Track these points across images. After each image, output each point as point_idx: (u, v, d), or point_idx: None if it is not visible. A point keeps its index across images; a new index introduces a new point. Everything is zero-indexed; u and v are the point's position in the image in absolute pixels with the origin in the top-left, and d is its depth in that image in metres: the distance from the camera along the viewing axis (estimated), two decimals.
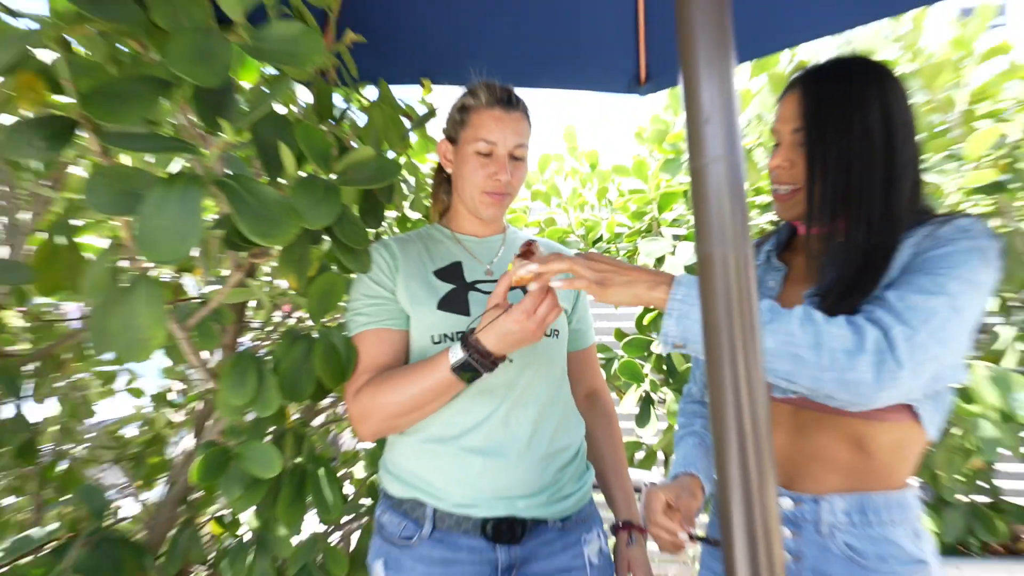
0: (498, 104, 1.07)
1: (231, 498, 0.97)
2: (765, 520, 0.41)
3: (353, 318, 1.08)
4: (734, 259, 0.42)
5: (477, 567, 1.00)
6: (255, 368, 1.06)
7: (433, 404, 0.98)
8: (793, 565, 0.86)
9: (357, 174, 0.91)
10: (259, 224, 0.75)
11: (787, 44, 1.49)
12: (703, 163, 0.43)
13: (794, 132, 0.88)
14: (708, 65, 0.43)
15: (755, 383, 0.41)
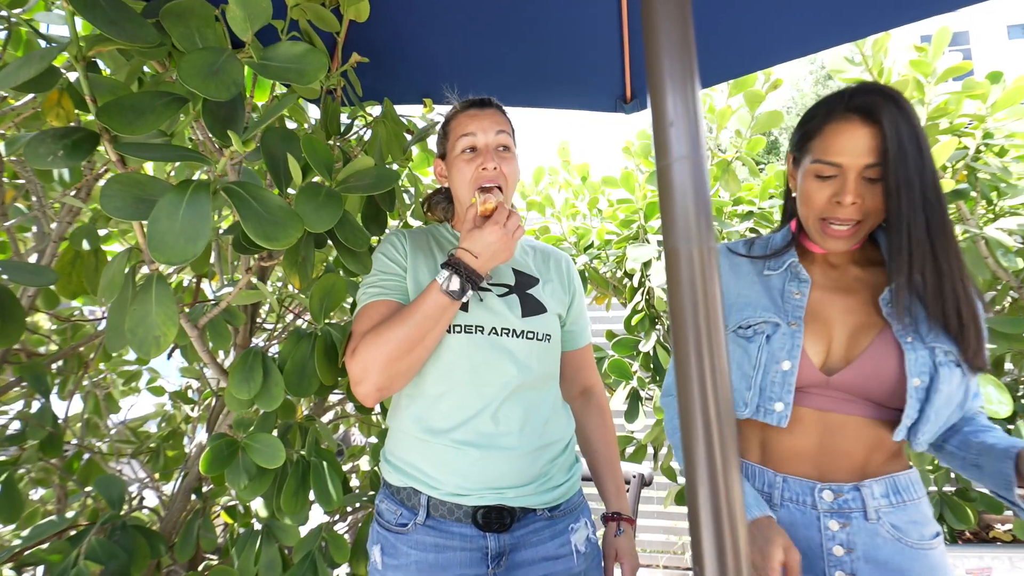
0: (471, 106, 1.09)
1: (238, 487, 0.96)
2: (731, 511, 0.40)
3: (364, 291, 1.06)
4: (698, 254, 0.42)
5: (468, 553, 0.99)
6: (261, 364, 1.05)
7: (430, 337, 0.96)
8: (847, 557, 0.82)
9: (358, 182, 0.92)
10: (263, 228, 0.75)
11: (759, 66, 1.50)
12: (668, 163, 0.43)
13: (867, 168, 0.79)
14: (672, 73, 0.43)
15: (719, 372, 0.41)
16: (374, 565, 1.03)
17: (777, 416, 0.86)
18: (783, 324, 0.88)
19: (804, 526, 0.85)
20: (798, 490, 0.86)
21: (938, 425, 0.81)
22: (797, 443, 0.87)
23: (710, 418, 0.40)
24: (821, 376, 0.84)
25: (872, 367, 0.82)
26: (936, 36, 1.59)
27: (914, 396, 0.80)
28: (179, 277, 1.74)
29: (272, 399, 1.06)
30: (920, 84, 1.61)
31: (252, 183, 0.77)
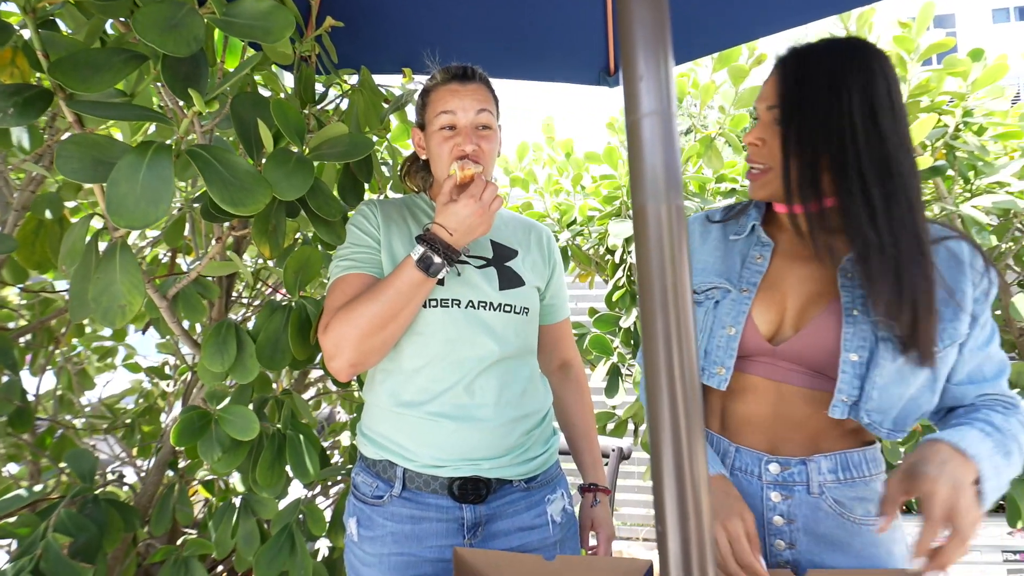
0: (453, 79, 1.05)
1: (211, 460, 0.95)
2: (693, 469, 0.40)
3: (337, 264, 1.04)
4: (666, 211, 0.41)
5: (444, 524, 1.00)
6: (235, 337, 1.04)
7: (404, 313, 0.93)
8: (787, 528, 0.84)
9: (330, 149, 0.89)
10: (230, 193, 0.72)
11: (742, 39, 1.48)
12: (637, 118, 0.41)
13: (769, 109, 0.83)
14: (643, 26, 0.42)
15: (684, 330, 0.40)
16: (350, 537, 1.04)
17: (718, 380, 0.87)
18: (734, 290, 0.88)
19: (750, 495, 0.86)
20: (748, 460, 0.86)
21: (896, 407, 0.78)
22: (751, 413, 0.87)
23: (674, 376, 0.40)
24: (766, 344, 0.84)
25: (813, 339, 0.80)
26: (920, 12, 1.59)
27: (850, 372, 0.78)
28: (154, 251, 1.69)
29: (247, 371, 1.04)
30: (903, 60, 1.61)
31: (218, 147, 0.74)
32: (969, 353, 0.79)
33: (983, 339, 0.80)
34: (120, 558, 1.21)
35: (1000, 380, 0.80)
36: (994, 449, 0.70)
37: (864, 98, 0.76)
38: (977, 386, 0.80)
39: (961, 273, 0.78)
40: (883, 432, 0.79)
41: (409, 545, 0.99)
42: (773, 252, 0.89)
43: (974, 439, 0.70)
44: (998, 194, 1.70)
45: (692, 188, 2.03)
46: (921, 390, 0.78)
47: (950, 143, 1.64)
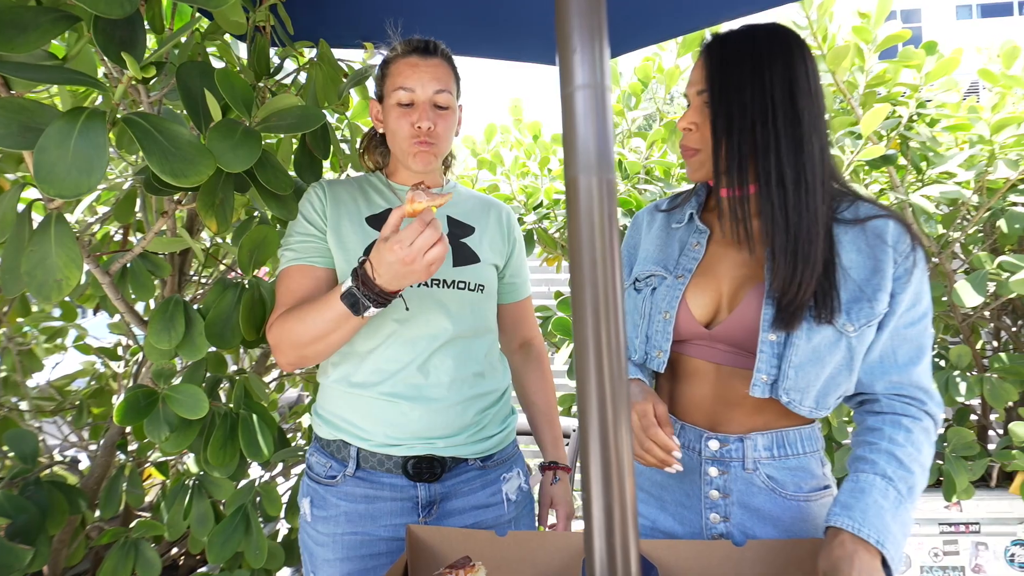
0: (414, 52, 1.02)
1: (158, 439, 0.93)
2: (617, 437, 0.41)
3: (283, 254, 1.02)
4: (597, 184, 0.41)
5: (399, 503, 1.00)
6: (183, 314, 1.01)
7: (334, 336, 0.90)
8: (722, 502, 0.87)
9: (279, 121, 0.86)
10: (170, 163, 0.70)
11: (706, 24, 1.49)
12: (570, 90, 0.41)
13: (699, 94, 0.85)
14: (578, 1, 0.42)
15: (613, 303, 0.41)
16: (303, 517, 1.03)
17: (657, 363, 0.90)
18: (669, 277, 0.90)
19: (690, 470, 0.89)
20: (691, 436, 0.89)
21: (814, 386, 0.80)
22: (694, 393, 0.90)
23: (601, 346, 0.40)
24: (701, 328, 0.86)
25: (741, 320, 0.82)
26: (879, 4, 1.62)
27: (768, 351, 0.80)
28: (104, 228, 1.63)
29: (195, 349, 1.02)
30: (861, 51, 1.65)
31: (157, 116, 0.71)
32: (887, 333, 0.80)
33: (905, 321, 0.80)
34: (67, 541, 1.18)
35: (912, 368, 0.81)
36: (896, 501, 0.73)
37: (784, 80, 0.78)
38: (886, 372, 0.81)
39: (883, 252, 0.79)
40: (804, 410, 0.81)
41: (363, 524, 0.99)
42: (709, 239, 0.91)
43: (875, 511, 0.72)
44: (947, 184, 1.76)
45: (657, 173, 2.05)
46: (838, 369, 0.80)
47: (904, 133, 1.69)
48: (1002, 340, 2.08)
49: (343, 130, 1.54)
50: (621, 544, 0.40)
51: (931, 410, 0.80)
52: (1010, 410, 1.82)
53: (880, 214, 0.82)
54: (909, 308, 0.80)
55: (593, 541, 0.40)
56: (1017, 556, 1.72)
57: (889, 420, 0.80)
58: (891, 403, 0.81)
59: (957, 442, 1.66)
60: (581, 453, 0.41)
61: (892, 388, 0.81)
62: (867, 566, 0.68)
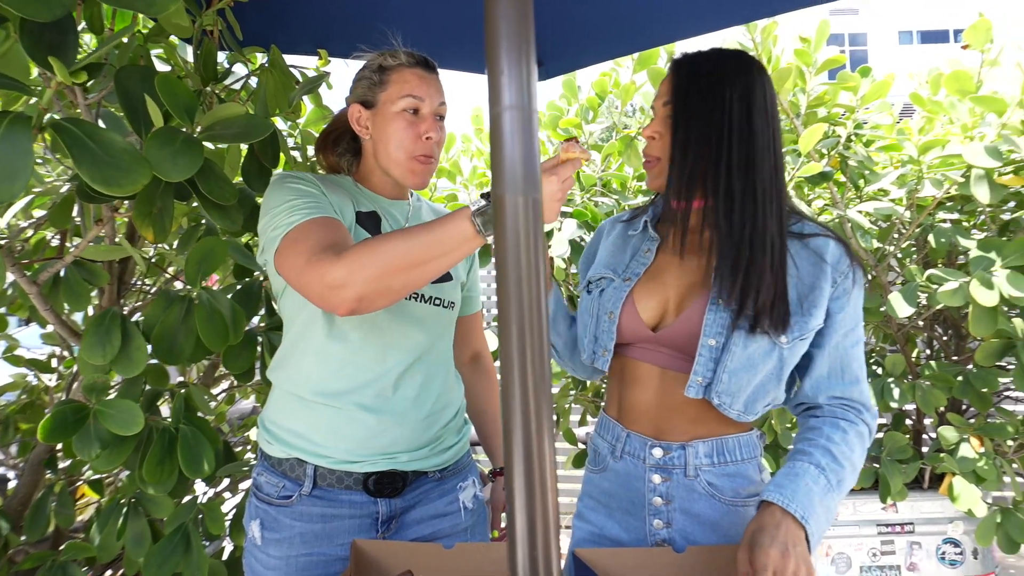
0: (419, 65, 1.02)
1: (88, 457, 0.89)
2: (540, 450, 0.42)
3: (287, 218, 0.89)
4: (523, 203, 0.43)
5: (357, 520, 0.98)
6: (120, 327, 0.98)
7: (437, 263, 0.82)
8: (665, 508, 0.89)
9: (224, 130, 0.85)
10: (102, 171, 0.68)
11: (661, 42, 1.55)
12: (498, 111, 0.43)
13: (664, 105, 0.89)
14: (506, 22, 0.43)
15: (537, 316, 0.42)
16: (252, 540, 0.98)
17: (603, 361, 0.94)
18: (617, 279, 0.94)
19: (635, 478, 0.92)
20: (636, 445, 0.92)
21: (745, 391, 0.84)
22: (640, 399, 0.92)
23: (526, 361, 0.42)
24: (646, 330, 0.90)
25: (685, 325, 0.87)
26: (818, 30, 1.71)
27: (707, 355, 0.84)
28: (40, 233, 1.56)
29: (132, 364, 0.99)
30: (802, 73, 1.73)
31: (88, 121, 0.69)
32: (828, 352, 0.86)
33: (850, 341, 0.87)
34: None
35: (856, 386, 0.87)
36: (825, 489, 0.78)
37: (742, 99, 0.84)
38: (831, 388, 0.87)
39: (821, 271, 0.85)
40: (733, 414, 0.86)
41: (319, 544, 0.96)
42: (660, 247, 0.95)
43: (804, 492, 0.77)
44: (882, 201, 1.87)
45: (614, 185, 2.10)
46: (768, 377, 0.85)
47: (842, 152, 1.78)
48: (935, 349, 2.20)
49: (296, 137, 1.52)
50: (543, 555, 0.41)
51: (867, 419, 0.87)
52: (941, 415, 1.93)
53: (822, 233, 0.88)
54: (853, 328, 0.87)
55: (516, 552, 0.41)
56: (948, 553, 1.82)
57: (828, 421, 0.86)
58: (832, 409, 0.88)
59: (892, 446, 1.75)
60: (505, 465, 0.42)
61: (833, 400, 0.88)
62: (792, 534, 0.73)
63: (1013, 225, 1.86)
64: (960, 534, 1.82)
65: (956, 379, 1.72)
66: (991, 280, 1.45)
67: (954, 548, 1.82)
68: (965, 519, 1.79)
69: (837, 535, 1.82)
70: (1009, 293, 1.42)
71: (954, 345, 2.11)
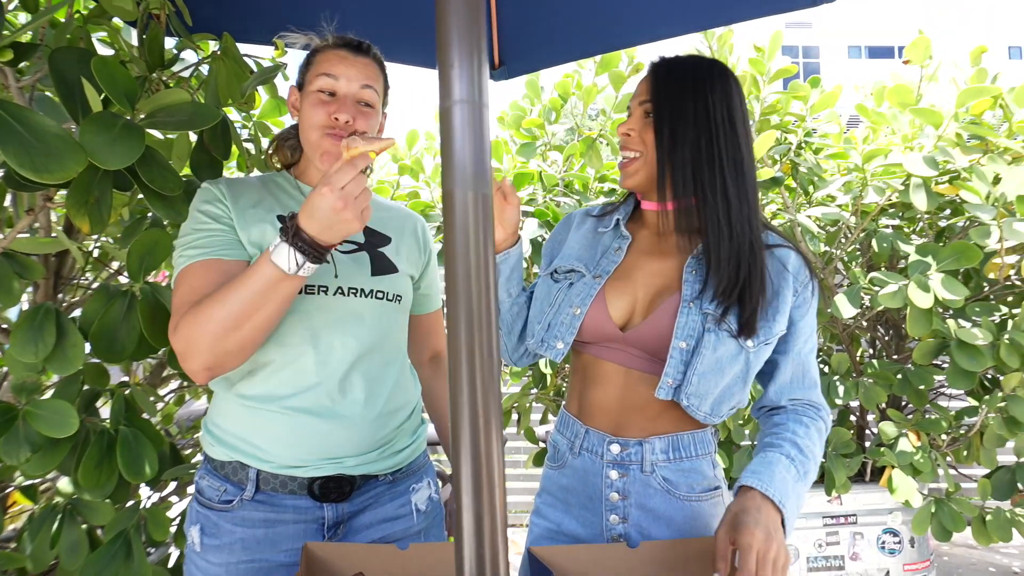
0: (346, 47, 0.99)
1: (17, 461, 0.83)
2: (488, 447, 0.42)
3: (181, 254, 0.89)
4: (472, 198, 0.42)
5: (302, 526, 0.94)
6: (54, 323, 0.92)
7: (263, 313, 0.81)
8: (621, 503, 0.90)
9: (168, 117, 0.81)
10: (31, 157, 0.64)
11: (620, 45, 1.57)
12: (448, 105, 0.42)
13: (641, 104, 0.90)
14: (457, 16, 0.43)
15: (487, 314, 0.42)
16: (192, 547, 0.94)
17: (556, 352, 0.93)
18: (588, 275, 0.94)
19: (593, 473, 0.93)
20: (595, 441, 0.93)
21: (712, 394, 0.86)
22: (601, 397, 0.93)
23: (474, 358, 0.41)
24: (615, 330, 0.90)
25: (654, 326, 0.88)
26: (771, 40, 1.77)
27: (677, 358, 0.85)
28: None
29: (68, 362, 0.93)
30: (756, 81, 1.79)
31: (15, 104, 0.65)
32: (791, 359, 0.91)
33: (808, 348, 0.91)
34: None
35: (814, 390, 0.93)
36: (796, 478, 0.82)
37: (723, 104, 0.86)
38: (792, 392, 0.92)
39: (784, 280, 0.89)
40: (700, 415, 0.87)
41: (261, 551, 0.92)
42: (630, 246, 0.96)
43: (780, 479, 0.80)
44: (829, 206, 1.95)
45: (576, 186, 2.12)
46: (734, 380, 0.87)
47: (793, 159, 1.85)
48: (877, 348, 2.32)
49: (250, 128, 1.47)
50: (491, 554, 0.40)
51: (824, 417, 0.92)
52: (883, 411, 2.02)
53: (784, 244, 0.92)
54: (810, 336, 0.91)
55: (463, 551, 0.41)
56: (887, 543, 1.91)
57: (792, 418, 0.90)
58: (794, 407, 0.92)
59: (837, 441, 1.83)
60: (452, 463, 0.42)
61: (794, 402, 0.93)
62: (771, 517, 0.76)
63: (948, 231, 1.97)
64: (899, 524, 1.91)
65: (896, 377, 1.81)
66: (927, 283, 1.53)
67: (893, 538, 1.91)
68: (903, 510, 1.89)
69: None
70: (943, 296, 1.50)
71: (895, 345, 2.22)
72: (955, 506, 1.72)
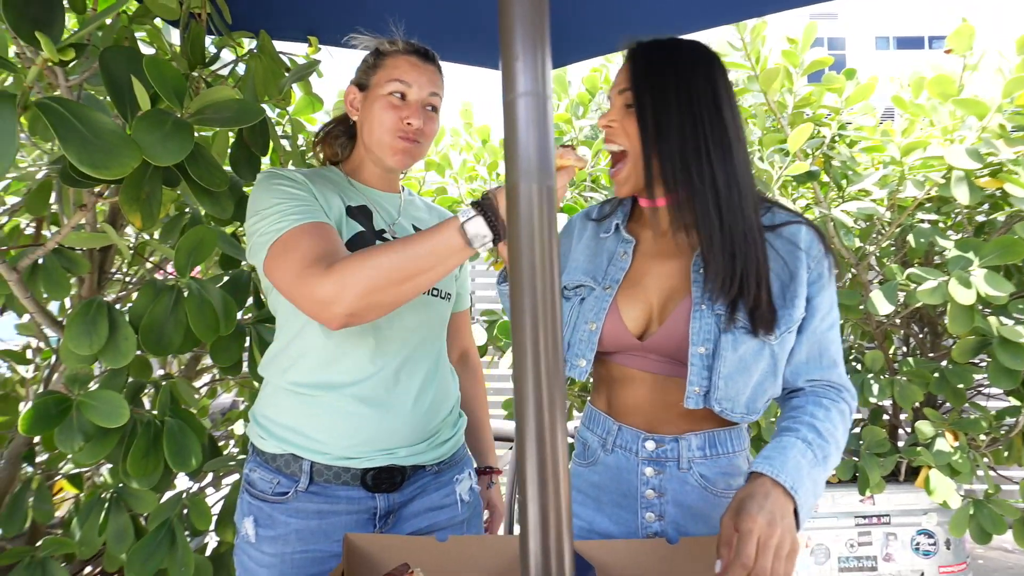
0: (415, 53, 1.01)
1: (71, 450, 0.86)
2: (554, 451, 0.42)
3: (278, 221, 0.87)
4: (537, 191, 0.42)
5: (355, 516, 0.96)
6: (107, 317, 0.95)
7: (427, 276, 0.81)
8: (657, 501, 0.89)
9: (215, 115, 0.83)
10: (90, 153, 0.65)
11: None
12: (512, 97, 0.42)
13: (620, 93, 0.86)
14: (521, 6, 0.42)
15: (551, 308, 0.42)
16: (245, 538, 0.95)
17: (579, 371, 0.90)
18: (598, 288, 0.91)
19: (627, 471, 0.91)
20: (628, 438, 0.91)
21: (744, 394, 0.83)
22: (631, 398, 0.91)
23: (539, 353, 0.41)
24: (634, 340, 0.88)
25: (671, 333, 0.85)
26: (804, 32, 1.73)
27: (699, 364, 0.82)
28: (14, 220, 1.50)
29: (120, 355, 0.96)
30: (789, 74, 1.75)
31: (76, 102, 0.67)
32: (806, 337, 0.85)
33: (825, 325, 0.86)
34: None
35: (834, 369, 0.87)
36: (812, 463, 0.77)
37: (707, 89, 0.82)
38: (810, 372, 0.87)
39: (797, 258, 0.84)
40: (736, 417, 0.85)
41: (316, 541, 0.94)
42: (635, 249, 0.92)
43: (793, 464, 0.74)
44: (864, 201, 1.91)
45: (604, 182, 2.10)
46: (764, 375, 0.84)
47: (827, 152, 1.81)
48: (911, 346, 2.26)
49: (284, 125, 1.49)
50: (556, 545, 0.40)
51: (847, 398, 0.86)
52: (917, 410, 1.98)
53: (794, 220, 0.87)
54: (828, 312, 0.86)
55: (528, 542, 0.41)
56: (922, 544, 1.87)
57: (811, 400, 0.85)
58: (814, 389, 0.87)
59: (870, 440, 1.79)
60: (517, 455, 0.42)
61: (813, 383, 0.87)
62: (780, 504, 0.71)
63: (988, 226, 1.91)
64: (934, 525, 1.87)
65: (932, 375, 1.77)
66: (969, 279, 1.49)
67: (928, 539, 1.87)
68: (939, 511, 1.85)
69: (817, 527, 1.86)
70: (986, 292, 1.46)
71: (930, 342, 2.16)
72: (995, 508, 1.68)
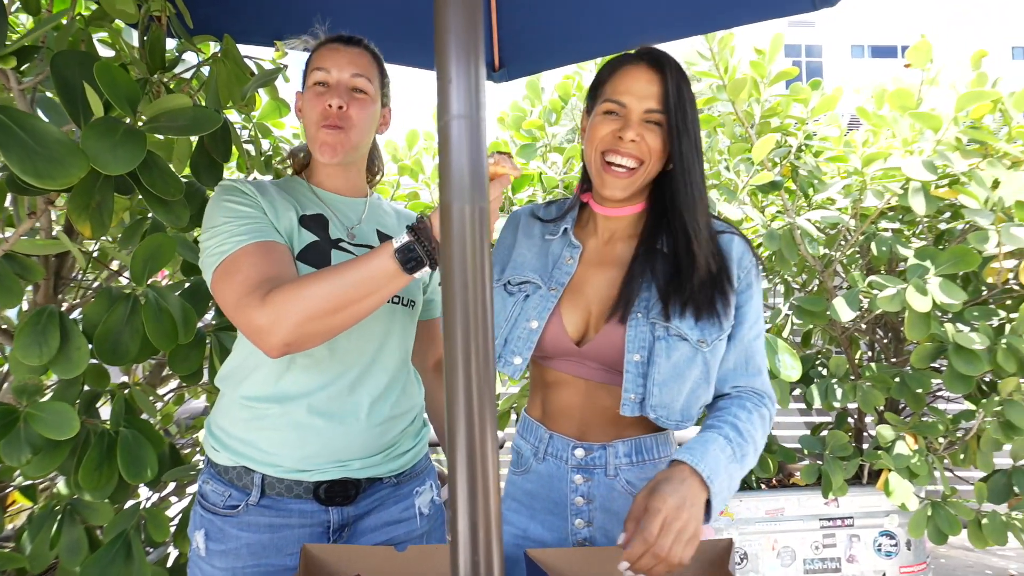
0: (336, 40, 1.02)
1: (18, 463, 0.85)
2: (484, 468, 0.43)
3: (225, 241, 0.87)
4: (470, 212, 0.43)
5: (307, 529, 0.95)
6: (58, 326, 0.93)
7: (364, 303, 0.81)
8: (586, 507, 0.91)
9: (170, 122, 0.82)
10: (33, 163, 0.65)
11: (616, 49, 1.58)
12: (446, 120, 0.43)
13: (648, 112, 0.85)
14: (455, 32, 0.44)
15: (483, 323, 0.43)
16: (196, 551, 0.95)
17: (513, 368, 0.91)
18: (544, 288, 0.92)
19: (558, 478, 0.93)
20: (559, 446, 0.93)
21: (678, 400, 0.86)
22: (565, 404, 0.93)
23: (471, 368, 0.42)
24: (571, 345, 0.90)
25: (607, 340, 0.87)
26: (771, 43, 1.78)
27: (634, 371, 0.85)
28: None
29: (72, 365, 0.94)
30: (757, 84, 1.80)
31: (17, 109, 0.66)
32: (734, 345, 0.89)
33: (752, 334, 0.90)
34: None
35: (759, 377, 0.90)
36: (730, 459, 0.79)
37: (695, 109, 0.86)
38: (736, 380, 0.90)
39: (727, 268, 0.88)
40: (672, 424, 0.87)
41: (267, 555, 0.93)
42: (580, 256, 0.94)
43: (713, 457, 0.77)
44: (829, 210, 1.96)
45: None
46: (697, 382, 0.87)
47: (793, 162, 1.86)
48: (875, 351, 2.33)
49: (250, 130, 1.48)
50: (485, 557, 0.42)
51: (768, 405, 0.90)
52: (880, 414, 2.04)
53: (727, 230, 0.91)
54: (755, 321, 0.90)
55: (458, 554, 0.42)
56: (884, 545, 1.93)
57: (735, 402, 0.88)
58: (738, 392, 0.91)
59: (834, 444, 1.84)
60: (448, 468, 0.43)
61: (738, 389, 0.91)
62: (694, 491, 0.73)
63: (948, 235, 1.98)
64: (895, 527, 1.93)
65: (893, 380, 1.82)
66: (925, 287, 1.54)
67: (890, 540, 1.92)
68: (900, 512, 1.90)
69: (782, 529, 1.90)
70: (941, 300, 1.51)
71: (893, 348, 2.23)
72: (951, 509, 1.73)
